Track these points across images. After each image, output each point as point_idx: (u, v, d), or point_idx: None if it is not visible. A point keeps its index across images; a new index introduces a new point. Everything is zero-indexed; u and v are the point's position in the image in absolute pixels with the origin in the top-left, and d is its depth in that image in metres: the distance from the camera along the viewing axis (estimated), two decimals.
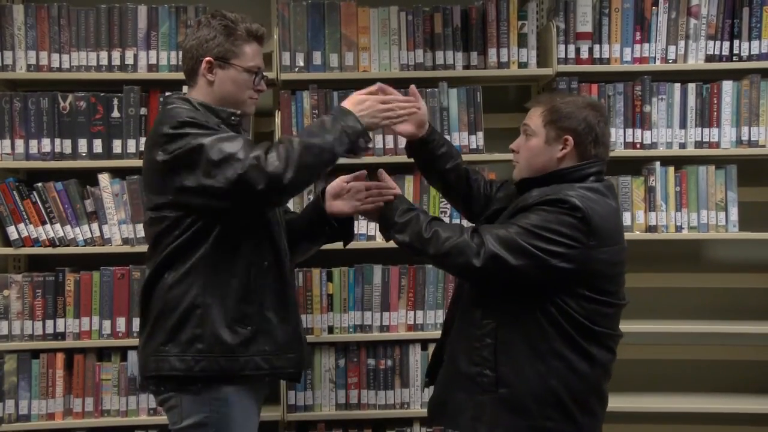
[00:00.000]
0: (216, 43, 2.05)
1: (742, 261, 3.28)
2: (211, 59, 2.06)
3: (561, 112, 2.00)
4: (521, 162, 2.08)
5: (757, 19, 2.97)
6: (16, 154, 2.89)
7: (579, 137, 1.99)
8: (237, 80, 2.08)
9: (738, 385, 3.22)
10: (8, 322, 2.86)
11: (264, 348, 2.03)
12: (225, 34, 2.06)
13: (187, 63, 2.11)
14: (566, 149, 1.99)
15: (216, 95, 2.08)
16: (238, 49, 2.07)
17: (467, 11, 2.98)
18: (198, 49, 2.07)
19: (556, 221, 1.88)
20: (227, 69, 2.07)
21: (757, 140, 2.98)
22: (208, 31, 2.06)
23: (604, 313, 1.96)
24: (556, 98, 2.07)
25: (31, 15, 2.89)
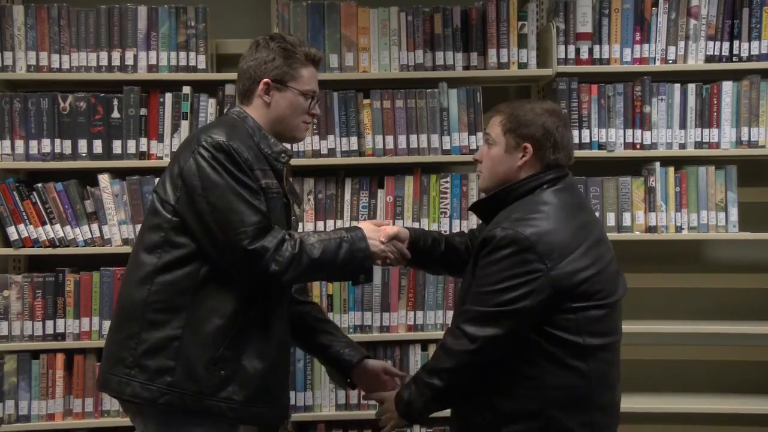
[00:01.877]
0: (275, 65, 2.06)
1: (742, 261, 3.28)
2: (269, 81, 2.06)
3: (519, 120, 2.00)
4: (484, 171, 2.08)
5: (756, 19, 2.97)
6: (16, 155, 2.89)
7: (538, 143, 1.99)
8: (293, 103, 2.08)
9: (738, 385, 3.22)
10: (8, 323, 2.86)
11: (232, 397, 1.96)
12: (284, 56, 2.06)
13: (243, 83, 2.10)
14: (526, 157, 2.00)
15: (271, 117, 2.08)
16: (296, 72, 2.07)
17: (467, 12, 2.99)
18: (256, 70, 2.07)
19: (504, 267, 1.87)
20: (284, 91, 2.07)
21: (756, 141, 2.98)
22: (267, 53, 2.07)
23: (597, 316, 1.91)
24: (515, 105, 2.07)
25: (31, 15, 2.89)
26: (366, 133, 2.94)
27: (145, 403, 1.95)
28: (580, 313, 1.89)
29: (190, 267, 1.96)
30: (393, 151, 2.95)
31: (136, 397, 1.94)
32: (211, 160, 1.92)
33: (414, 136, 2.95)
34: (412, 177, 2.96)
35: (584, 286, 1.89)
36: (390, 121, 2.94)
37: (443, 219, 2.96)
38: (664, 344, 3.25)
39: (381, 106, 2.94)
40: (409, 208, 2.96)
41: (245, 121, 2.06)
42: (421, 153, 2.95)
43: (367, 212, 2.96)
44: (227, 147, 1.93)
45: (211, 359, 1.94)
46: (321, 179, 2.96)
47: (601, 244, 1.99)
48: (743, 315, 3.18)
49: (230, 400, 1.96)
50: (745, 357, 3.27)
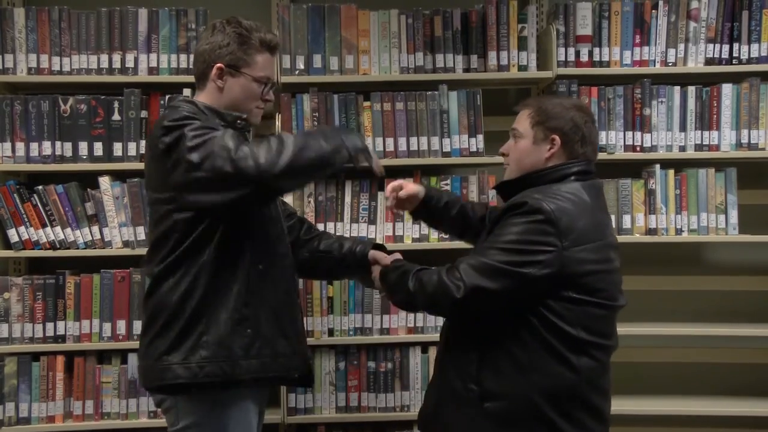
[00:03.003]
0: (229, 50, 2.06)
1: (742, 264, 3.28)
2: (222, 66, 2.06)
3: (548, 113, 2.02)
4: (511, 164, 2.09)
5: (756, 22, 2.98)
6: (17, 157, 2.89)
7: (566, 136, 2.01)
8: (246, 89, 2.08)
9: (738, 387, 3.22)
10: (8, 325, 2.86)
11: (263, 351, 2.03)
12: (238, 42, 2.07)
13: (198, 66, 2.11)
14: (554, 149, 2.01)
15: (223, 102, 2.09)
16: (250, 58, 2.07)
17: (467, 14, 2.99)
18: (210, 54, 2.07)
19: (524, 230, 1.88)
20: (237, 77, 2.08)
21: (756, 143, 2.98)
22: (222, 37, 2.07)
23: (596, 315, 1.92)
24: (543, 100, 2.10)
25: (31, 18, 2.90)
26: (366, 135, 2.95)
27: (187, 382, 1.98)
28: (579, 306, 1.89)
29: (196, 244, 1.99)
30: (393, 153, 2.96)
31: (178, 378, 1.98)
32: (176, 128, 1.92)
33: (414, 139, 2.95)
34: (412, 179, 2.97)
35: (589, 278, 1.90)
36: (390, 123, 2.95)
37: None
38: (664, 346, 3.25)
39: (381, 109, 2.95)
40: None
41: (193, 104, 2.07)
42: (422, 155, 2.96)
43: (368, 214, 2.96)
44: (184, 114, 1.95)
45: (236, 323, 2.00)
46: (321, 181, 2.96)
47: (613, 250, 2.00)
48: (743, 317, 3.18)
49: (262, 355, 2.02)
50: (745, 359, 3.27)
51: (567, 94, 2.94)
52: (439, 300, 1.92)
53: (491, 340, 1.94)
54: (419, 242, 2.96)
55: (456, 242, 2.93)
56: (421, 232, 2.96)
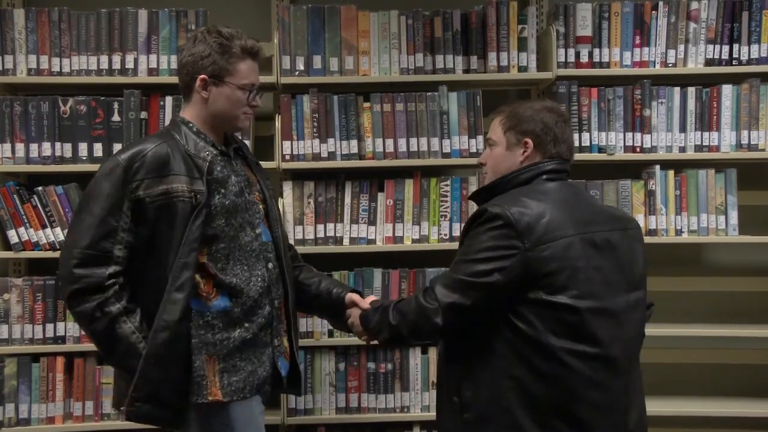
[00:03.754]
0: (210, 60, 2.06)
1: (742, 264, 3.28)
2: (205, 77, 2.07)
3: (518, 117, 2.04)
4: (488, 172, 2.10)
5: (756, 23, 2.98)
6: (17, 158, 2.89)
7: (538, 138, 2.01)
8: (231, 97, 2.09)
9: (738, 388, 3.22)
10: (8, 326, 2.86)
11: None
12: (220, 51, 2.06)
13: (182, 79, 2.12)
14: (527, 152, 2.02)
15: (209, 112, 2.10)
16: (233, 66, 2.07)
17: (467, 15, 2.99)
18: (193, 66, 2.08)
19: (486, 238, 1.88)
20: (221, 86, 2.08)
21: (756, 144, 2.98)
22: (203, 48, 2.07)
23: (566, 318, 1.85)
24: (514, 105, 2.10)
25: (31, 19, 2.90)
26: (366, 137, 2.95)
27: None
28: (548, 309, 1.85)
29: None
30: (393, 154, 2.95)
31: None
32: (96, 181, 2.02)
33: (414, 140, 2.95)
34: (412, 180, 2.97)
35: (556, 277, 1.85)
36: (390, 124, 2.95)
37: (443, 222, 2.96)
38: (664, 347, 3.25)
39: (381, 110, 2.95)
40: (409, 211, 2.96)
41: (178, 127, 2.10)
42: (421, 156, 2.95)
43: (367, 215, 2.96)
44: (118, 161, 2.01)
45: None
46: (321, 182, 2.96)
47: (603, 248, 1.92)
48: (743, 318, 3.18)
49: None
50: (745, 360, 3.27)
51: (567, 95, 2.94)
52: (421, 325, 1.95)
53: (471, 351, 1.94)
54: (419, 243, 2.96)
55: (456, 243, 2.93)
56: (421, 233, 2.96)
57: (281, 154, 2.91)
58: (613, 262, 1.94)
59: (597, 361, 1.87)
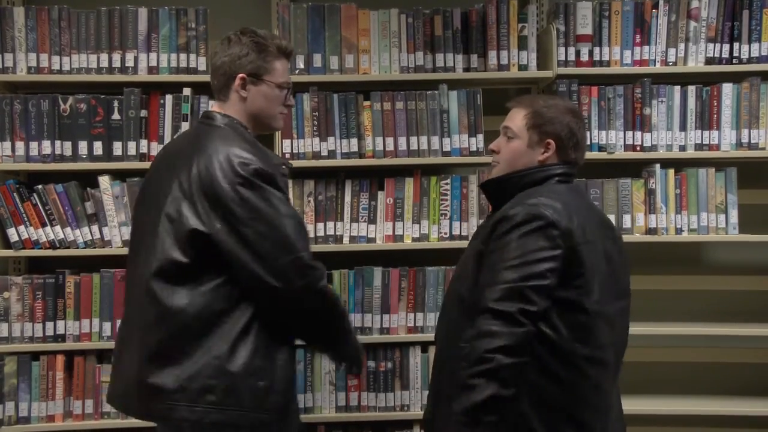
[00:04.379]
0: (249, 59, 2.09)
1: (742, 263, 3.28)
2: (244, 75, 2.09)
3: (544, 117, 2.02)
4: (501, 163, 2.08)
5: (757, 21, 2.97)
6: (17, 156, 2.89)
7: (561, 141, 2.01)
8: (269, 96, 2.12)
9: (738, 387, 3.23)
10: (8, 324, 2.86)
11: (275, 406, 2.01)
12: (257, 50, 2.09)
13: (218, 79, 2.12)
14: (548, 153, 2.02)
15: (248, 111, 2.11)
16: (270, 65, 2.11)
17: (467, 14, 2.99)
18: (231, 66, 2.09)
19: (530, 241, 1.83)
20: (259, 85, 2.10)
21: (757, 143, 2.98)
22: (240, 48, 2.09)
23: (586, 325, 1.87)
24: (538, 101, 2.08)
25: (31, 17, 2.89)
26: (366, 135, 2.95)
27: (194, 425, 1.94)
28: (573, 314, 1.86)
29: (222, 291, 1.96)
30: (393, 152, 2.95)
31: (184, 420, 1.93)
32: (254, 188, 1.94)
33: (414, 138, 2.95)
34: (412, 179, 2.97)
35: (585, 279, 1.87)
36: (390, 122, 2.95)
37: (443, 221, 2.96)
38: (664, 346, 3.25)
39: (381, 108, 2.95)
40: (409, 210, 2.96)
41: (244, 133, 2.08)
42: (422, 155, 2.95)
43: (367, 213, 2.96)
44: (263, 172, 1.95)
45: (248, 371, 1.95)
46: (321, 181, 2.96)
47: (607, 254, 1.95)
48: (743, 317, 3.18)
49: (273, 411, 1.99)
50: (745, 359, 3.27)
51: (567, 94, 2.94)
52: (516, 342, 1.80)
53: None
54: (419, 241, 2.96)
55: (456, 242, 2.94)
56: (421, 231, 2.96)
57: (281, 153, 2.91)
58: (611, 267, 1.97)
59: (602, 366, 1.91)
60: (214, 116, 2.12)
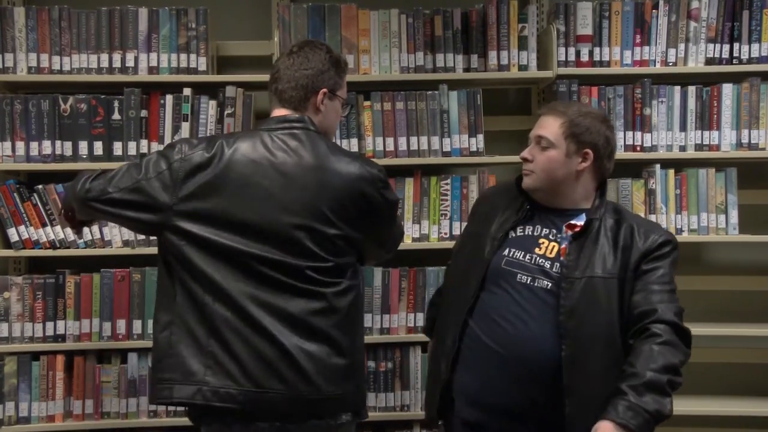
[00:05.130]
0: (330, 75, 2.12)
1: (742, 264, 3.28)
2: (326, 90, 2.10)
3: (581, 126, 2.04)
4: (538, 172, 2.08)
5: (757, 22, 2.97)
6: (17, 156, 2.89)
7: (598, 152, 2.05)
8: (337, 111, 2.18)
9: (738, 387, 3.22)
10: (8, 324, 2.86)
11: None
12: (336, 67, 2.13)
13: (299, 91, 2.08)
14: (586, 163, 2.05)
15: (321, 124, 2.12)
16: (342, 81, 2.17)
17: (467, 14, 2.99)
18: (315, 80, 2.09)
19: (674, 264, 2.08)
20: (334, 100, 2.14)
21: (757, 143, 2.98)
22: (321, 63, 2.11)
23: None
24: (572, 108, 2.09)
25: (32, 17, 2.89)
26: (366, 135, 2.95)
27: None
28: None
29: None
30: (393, 153, 2.95)
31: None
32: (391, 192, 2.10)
33: (414, 138, 2.95)
34: (412, 179, 2.97)
35: None
36: (390, 123, 2.95)
37: (443, 221, 2.96)
38: None
39: (381, 108, 2.95)
40: (409, 210, 2.96)
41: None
42: (422, 155, 2.95)
43: None
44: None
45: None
46: None
47: None
48: (744, 317, 3.18)
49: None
50: (745, 359, 3.27)
51: (567, 94, 2.94)
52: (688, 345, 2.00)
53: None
54: (419, 241, 2.96)
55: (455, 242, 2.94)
56: (421, 231, 2.96)
57: None
58: None
59: None
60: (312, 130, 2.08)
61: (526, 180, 2.11)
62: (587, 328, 1.94)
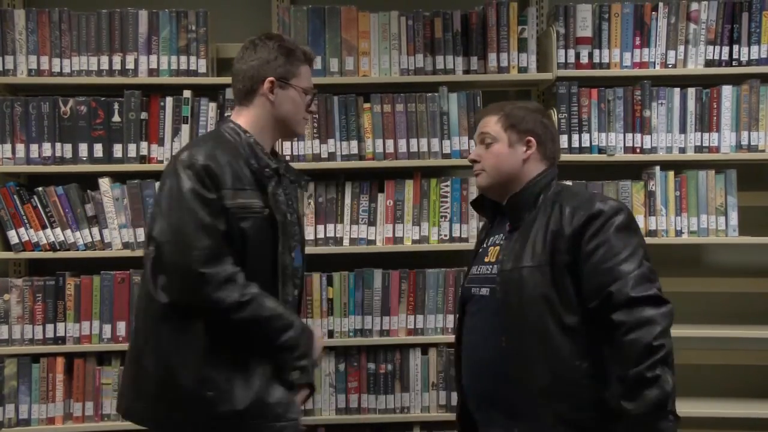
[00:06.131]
0: (278, 63, 2.09)
1: (741, 265, 3.28)
2: (273, 79, 2.09)
3: (517, 117, 2.07)
4: (488, 169, 2.09)
5: (756, 24, 2.98)
6: (17, 159, 2.89)
7: (540, 137, 2.06)
8: (295, 100, 2.12)
9: (738, 389, 3.22)
10: (8, 327, 2.86)
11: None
12: (285, 55, 2.10)
13: (244, 83, 2.11)
14: (530, 150, 2.06)
15: (275, 115, 2.10)
16: (296, 69, 2.12)
17: (467, 16, 2.99)
18: (259, 70, 2.09)
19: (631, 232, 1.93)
20: (287, 89, 2.10)
21: (756, 145, 2.98)
22: (268, 53, 2.10)
23: None
24: (506, 105, 2.13)
25: (32, 20, 2.90)
26: (366, 137, 2.95)
27: None
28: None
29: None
30: (393, 154, 2.96)
31: None
32: (183, 178, 1.92)
33: (414, 140, 2.95)
34: (412, 181, 2.97)
35: None
36: (390, 125, 2.95)
37: (443, 223, 2.96)
38: None
39: (381, 110, 2.95)
40: (409, 211, 2.96)
41: (238, 137, 2.07)
42: (422, 157, 2.96)
43: (367, 216, 2.96)
44: (199, 166, 1.93)
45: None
46: (321, 183, 2.96)
47: None
48: (743, 319, 3.18)
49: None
50: (745, 361, 3.27)
51: (567, 96, 2.95)
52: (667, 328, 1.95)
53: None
54: (419, 243, 2.96)
55: (456, 244, 2.95)
56: (421, 233, 2.96)
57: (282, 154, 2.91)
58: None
59: None
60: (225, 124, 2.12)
61: (477, 180, 2.13)
62: (520, 319, 1.94)
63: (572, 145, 2.96)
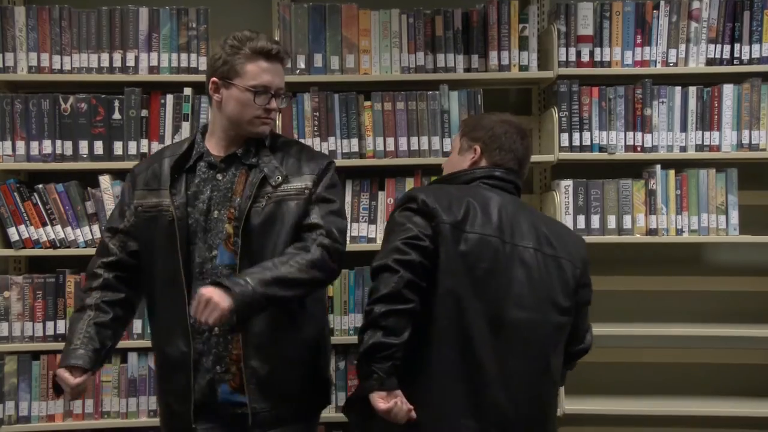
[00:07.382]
0: (220, 62, 2.07)
1: (742, 264, 3.27)
2: (215, 79, 2.08)
3: (472, 125, 2.18)
4: (444, 173, 2.22)
5: (757, 22, 2.97)
6: (17, 156, 2.89)
7: (485, 145, 2.12)
8: (239, 100, 2.05)
9: (738, 388, 3.22)
10: (9, 324, 2.86)
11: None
12: (229, 53, 2.06)
13: (206, 85, 2.13)
14: (474, 156, 2.13)
15: (224, 115, 2.10)
16: (240, 68, 2.05)
17: (468, 14, 2.99)
18: (208, 71, 2.10)
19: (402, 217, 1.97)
20: (230, 89, 2.07)
21: (757, 144, 2.98)
22: (216, 51, 2.09)
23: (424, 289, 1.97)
24: (477, 115, 2.26)
25: (32, 17, 2.89)
26: (367, 135, 2.95)
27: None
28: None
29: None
30: (394, 153, 2.95)
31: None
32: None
33: (415, 138, 2.95)
34: (412, 179, 2.96)
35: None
36: (391, 123, 2.95)
37: None
38: (664, 347, 3.25)
39: (382, 108, 2.95)
40: None
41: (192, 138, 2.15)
42: (422, 155, 2.95)
43: (368, 214, 2.96)
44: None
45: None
46: None
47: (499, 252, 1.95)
48: (744, 318, 3.18)
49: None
50: (745, 360, 3.27)
51: (568, 95, 2.94)
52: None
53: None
54: None
55: None
56: None
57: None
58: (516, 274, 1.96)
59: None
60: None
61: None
62: None
63: (573, 143, 2.96)
